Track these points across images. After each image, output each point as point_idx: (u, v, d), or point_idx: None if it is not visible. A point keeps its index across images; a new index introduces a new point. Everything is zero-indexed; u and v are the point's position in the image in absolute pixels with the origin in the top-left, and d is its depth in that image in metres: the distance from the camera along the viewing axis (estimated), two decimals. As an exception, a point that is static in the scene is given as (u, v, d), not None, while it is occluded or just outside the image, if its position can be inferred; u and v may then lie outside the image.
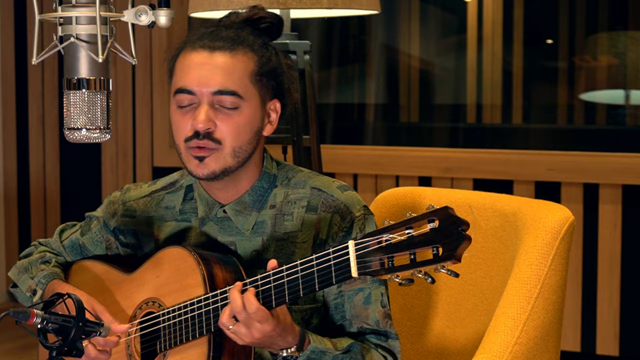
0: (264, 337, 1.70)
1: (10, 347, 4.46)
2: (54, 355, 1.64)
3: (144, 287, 1.90)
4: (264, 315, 1.68)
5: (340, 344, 1.81)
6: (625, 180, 3.97)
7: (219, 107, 1.83)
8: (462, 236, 1.52)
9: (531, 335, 1.85)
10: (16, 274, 2.04)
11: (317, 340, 1.77)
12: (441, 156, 4.30)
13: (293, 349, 1.75)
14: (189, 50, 1.86)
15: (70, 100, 1.62)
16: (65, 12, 1.60)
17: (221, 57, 1.84)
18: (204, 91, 1.82)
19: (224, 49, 1.84)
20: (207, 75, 1.83)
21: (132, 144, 4.95)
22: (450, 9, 5.07)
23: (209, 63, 1.83)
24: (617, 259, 4.01)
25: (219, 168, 1.85)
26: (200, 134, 1.82)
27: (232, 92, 1.83)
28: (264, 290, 1.70)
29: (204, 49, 1.84)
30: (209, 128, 1.82)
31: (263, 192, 1.92)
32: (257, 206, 1.91)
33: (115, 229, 2.03)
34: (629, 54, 4.59)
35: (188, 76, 1.84)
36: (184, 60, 1.86)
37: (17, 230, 5.24)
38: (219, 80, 1.82)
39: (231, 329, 1.70)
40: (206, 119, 1.81)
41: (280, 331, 1.71)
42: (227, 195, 1.91)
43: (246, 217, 1.90)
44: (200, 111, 1.82)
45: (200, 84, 1.83)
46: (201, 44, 1.85)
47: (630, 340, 4.01)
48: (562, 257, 1.93)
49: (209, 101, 1.83)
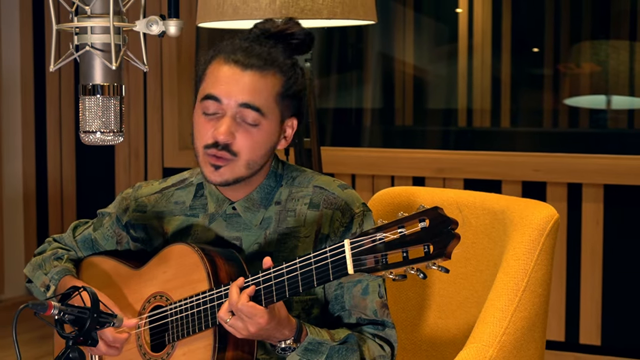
0: (259, 330, 1.69)
1: (29, 337, 4.46)
2: (70, 344, 1.65)
3: (152, 282, 1.90)
4: (255, 311, 1.67)
5: (337, 335, 1.80)
6: (606, 180, 3.97)
7: (241, 121, 1.83)
8: (451, 234, 1.52)
9: (518, 326, 1.85)
10: (31, 270, 2.04)
11: (314, 332, 1.77)
12: (434, 157, 4.30)
13: (290, 340, 1.75)
14: (222, 61, 1.85)
15: (86, 105, 1.62)
16: (81, 22, 1.60)
17: (252, 76, 1.83)
18: (231, 102, 1.82)
19: (255, 68, 1.83)
20: (236, 89, 1.82)
21: (143, 146, 4.94)
22: (443, 19, 5.07)
23: (240, 79, 1.83)
24: (599, 254, 4.01)
25: (232, 177, 1.85)
26: (220, 145, 1.82)
27: (257, 108, 1.82)
28: (265, 287, 1.70)
29: (237, 65, 1.83)
30: (228, 140, 1.82)
31: (270, 190, 1.92)
32: (265, 203, 1.91)
33: (127, 224, 2.03)
34: (611, 61, 4.59)
35: (218, 86, 1.83)
36: (216, 70, 1.85)
37: (36, 227, 5.25)
38: (247, 95, 1.82)
39: (228, 322, 1.70)
40: (227, 131, 1.81)
41: (276, 324, 1.71)
42: (237, 193, 1.92)
43: (254, 213, 1.91)
44: (222, 122, 1.82)
45: (228, 94, 1.82)
46: (235, 58, 1.84)
47: (611, 330, 4.01)
48: (548, 252, 1.93)
49: (232, 114, 1.82)
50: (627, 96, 4.61)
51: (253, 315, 1.68)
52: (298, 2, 2.50)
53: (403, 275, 1.57)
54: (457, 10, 4.90)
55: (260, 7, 2.50)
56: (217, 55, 1.87)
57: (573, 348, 4.07)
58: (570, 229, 4.05)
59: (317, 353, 1.76)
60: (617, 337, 4.00)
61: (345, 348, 1.79)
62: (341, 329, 1.84)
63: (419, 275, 1.56)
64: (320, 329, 1.79)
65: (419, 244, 1.54)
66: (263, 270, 1.72)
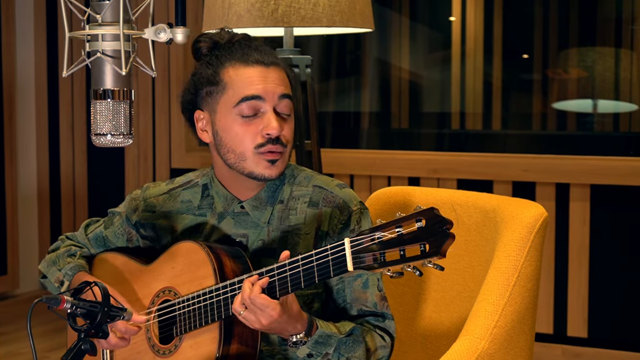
0: (271, 323, 1.69)
1: (43, 330, 4.46)
2: (82, 337, 1.65)
3: (161, 277, 1.90)
4: (267, 304, 1.67)
5: (343, 328, 1.81)
6: (593, 180, 3.97)
7: (279, 113, 1.85)
8: (446, 234, 1.52)
9: (509, 319, 1.85)
10: (45, 266, 2.04)
11: (324, 326, 1.77)
12: (428, 159, 4.30)
13: (302, 334, 1.75)
14: (241, 65, 1.86)
15: (97, 109, 1.61)
16: (92, 30, 1.60)
17: (276, 71, 1.87)
18: (272, 95, 1.84)
19: (274, 64, 1.87)
20: (271, 84, 1.85)
21: (152, 148, 4.94)
22: (437, 27, 5.07)
23: (269, 75, 1.85)
24: (585, 251, 4.00)
25: (284, 167, 1.88)
26: (273, 140, 1.83)
27: (291, 97, 1.88)
28: (269, 282, 1.70)
29: (260, 64, 1.86)
30: (280, 133, 1.84)
31: (275, 189, 1.92)
32: (271, 201, 1.91)
33: (137, 223, 2.03)
34: (597, 67, 4.59)
35: (253, 85, 1.84)
36: (240, 75, 1.86)
37: (49, 225, 5.24)
38: (283, 88, 1.86)
39: (242, 314, 1.70)
40: (279, 125, 1.84)
41: (287, 318, 1.71)
42: (246, 193, 1.91)
43: (262, 211, 1.91)
44: (270, 118, 1.84)
45: (266, 90, 1.84)
46: (254, 59, 1.86)
47: (597, 323, 4.01)
48: (537, 249, 1.93)
49: (273, 108, 1.84)
50: (612, 100, 4.61)
51: (265, 307, 1.67)
52: (299, 10, 2.50)
53: (400, 273, 1.57)
54: (451, 19, 4.90)
55: (263, 16, 2.50)
56: (229, 62, 1.87)
57: (561, 340, 4.07)
58: (558, 226, 4.05)
59: (326, 345, 1.77)
60: (602, 329, 4.00)
61: (352, 340, 1.80)
62: (346, 322, 1.85)
63: (416, 273, 1.55)
64: (328, 323, 1.80)
65: (415, 243, 1.53)
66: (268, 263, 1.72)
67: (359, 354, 1.80)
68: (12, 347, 4.27)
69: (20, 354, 4.19)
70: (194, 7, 4.72)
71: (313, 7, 2.50)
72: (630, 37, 4.54)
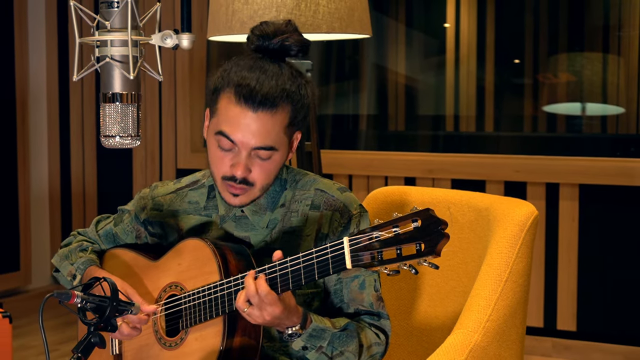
0: (273, 318, 1.69)
1: (54, 324, 4.46)
2: (91, 330, 1.65)
3: (168, 273, 1.90)
4: (273, 299, 1.67)
5: (338, 323, 1.80)
6: (581, 180, 3.97)
7: (255, 156, 1.79)
8: (441, 234, 1.51)
9: (501, 313, 1.85)
10: (58, 260, 2.04)
11: (318, 320, 1.77)
12: (424, 159, 4.30)
13: (297, 327, 1.74)
14: (232, 97, 1.77)
15: (106, 112, 1.61)
16: (101, 36, 1.60)
17: (263, 117, 1.76)
18: (246, 146, 1.78)
19: (265, 108, 1.76)
20: (249, 135, 1.76)
21: (158, 149, 4.94)
22: (432, 33, 5.07)
23: (252, 123, 1.76)
24: (574, 248, 4.01)
25: (249, 201, 1.84)
26: (237, 180, 1.80)
27: (270, 147, 1.79)
28: (271, 279, 1.69)
29: (248, 106, 1.76)
30: (245, 176, 1.80)
31: (275, 195, 1.91)
32: (271, 207, 1.90)
33: (145, 221, 2.02)
34: (585, 72, 4.59)
35: (231, 127, 1.77)
36: (228, 108, 1.78)
37: (60, 223, 5.25)
38: (260, 140, 1.77)
39: (246, 311, 1.70)
40: (245, 169, 1.78)
41: (287, 313, 1.71)
42: None
43: (261, 216, 1.90)
44: (239, 161, 1.78)
45: (242, 140, 1.77)
46: (245, 95, 1.75)
47: (586, 317, 4.01)
48: (528, 246, 1.93)
49: (247, 153, 1.79)
50: (600, 103, 4.61)
51: (273, 304, 1.67)
52: (300, 17, 2.50)
53: (396, 271, 1.57)
54: (445, 25, 4.90)
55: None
56: (227, 87, 1.79)
57: (551, 333, 4.07)
58: (548, 224, 4.05)
59: (320, 339, 1.76)
60: (591, 323, 4.00)
61: (345, 334, 1.79)
62: (341, 318, 1.84)
63: (411, 271, 1.55)
64: (322, 317, 1.79)
65: (411, 242, 1.53)
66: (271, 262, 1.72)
67: (352, 349, 1.79)
68: (25, 339, 4.27)
69: (32, 346, 4.19)
70: (199, 14, 4.72)
71: (313, 14, 2.50)
72: (617, 43, 4.54)
